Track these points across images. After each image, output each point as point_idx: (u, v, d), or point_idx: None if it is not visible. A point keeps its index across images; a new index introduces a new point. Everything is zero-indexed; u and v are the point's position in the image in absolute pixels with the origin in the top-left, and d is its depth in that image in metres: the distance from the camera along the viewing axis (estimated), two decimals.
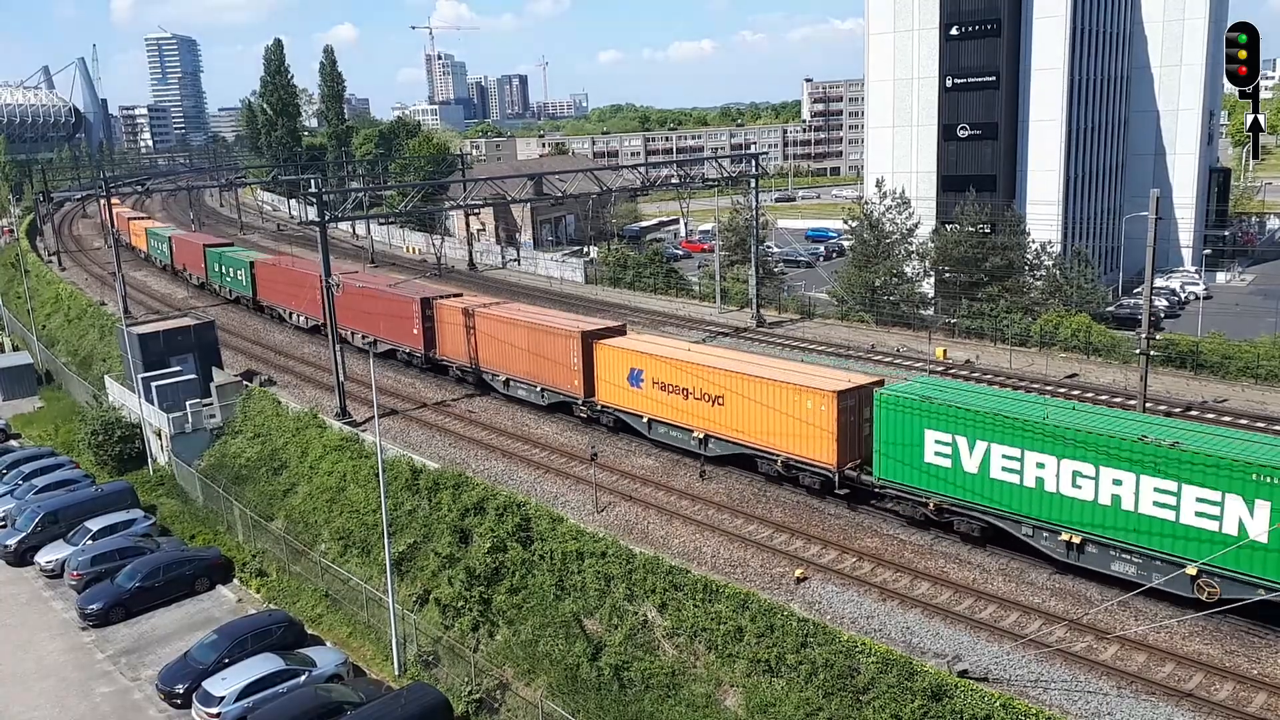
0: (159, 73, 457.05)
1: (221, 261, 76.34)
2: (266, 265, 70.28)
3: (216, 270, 77.38)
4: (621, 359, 40.79)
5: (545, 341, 44.03)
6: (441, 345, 51.13)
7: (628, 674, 27.44)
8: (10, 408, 64.32)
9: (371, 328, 56.02)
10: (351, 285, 57.08)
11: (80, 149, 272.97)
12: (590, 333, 42.96)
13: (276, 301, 66.91)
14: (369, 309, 56.01)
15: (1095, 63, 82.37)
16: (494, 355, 47.47)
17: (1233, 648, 24.92)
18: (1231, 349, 48.58)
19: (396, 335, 54.13)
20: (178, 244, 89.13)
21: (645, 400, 39.93)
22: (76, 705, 31.40)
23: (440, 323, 50.92)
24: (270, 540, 40.16)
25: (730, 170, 68.91)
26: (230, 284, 74.77)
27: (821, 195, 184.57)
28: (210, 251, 79.17)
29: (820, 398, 33.21)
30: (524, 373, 45.74)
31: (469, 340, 48.75)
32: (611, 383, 41.42)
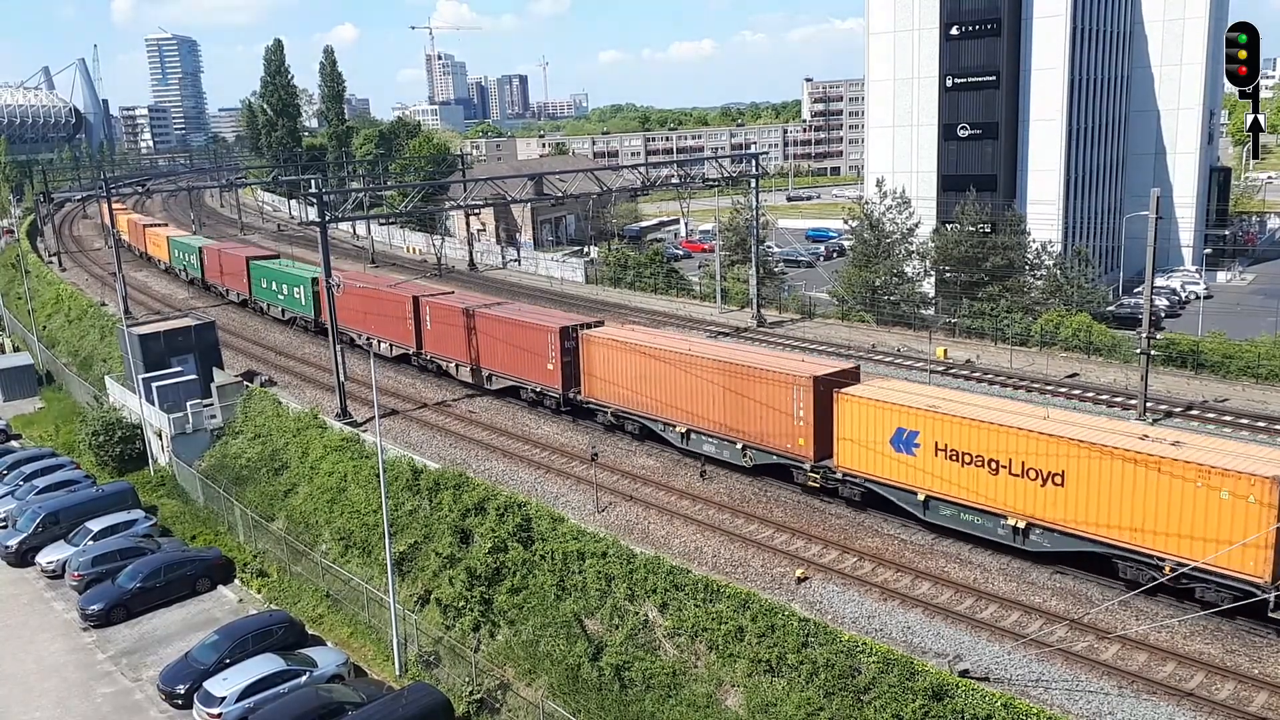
0: (159, 73, 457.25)
1: (272, 278, 67.74)
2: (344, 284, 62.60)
3: (265, 287, 68.62)
4: (880, 416, 31.94)
5: (753, 386, 35.57)
6: (588, 383, 42.93)
7: (629, 674, 27.44)
8: (11, 408, 64.35)
9: (487, 359, 48.01)
10: (445, 305, 50.45)
11: (81, 149, 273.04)
12: (826, 378, 34.05)
13: (349, 324, 57.20)
14: (480, 337, 48.02)
15: (1095, 62, 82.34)
16: (668, 398, 39.12)
17: (1233, 647, 24.92)
18: (1232, 348, 48.57)
19: (524, 369, 45.85)
20: (211, 256, 79.81)
21: (919, 471, 30.98)
22: (78, 706, 31.40)
23: (588, 357, 42.87)
24: (271, 541, 40.17)
25: (730, 170, 68.91)
26: (285, 303, 66.01)
27: (821, 195, 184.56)
28: (256, 265, 70.23)
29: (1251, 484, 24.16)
30: (716, 424, 37.25)
31: (628, 378, 40.77)
32: (861, 443, 32.49)
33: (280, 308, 67.01)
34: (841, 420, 32.86)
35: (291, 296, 64.36)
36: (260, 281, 69.24)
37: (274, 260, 72.49)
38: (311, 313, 61.53)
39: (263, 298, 69.44)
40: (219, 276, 77.46)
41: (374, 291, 56.67)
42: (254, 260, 71.07)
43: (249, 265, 70.86)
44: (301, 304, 63.08)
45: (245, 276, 71.29)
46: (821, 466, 33.98)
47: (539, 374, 44.98)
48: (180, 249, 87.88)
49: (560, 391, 44.01)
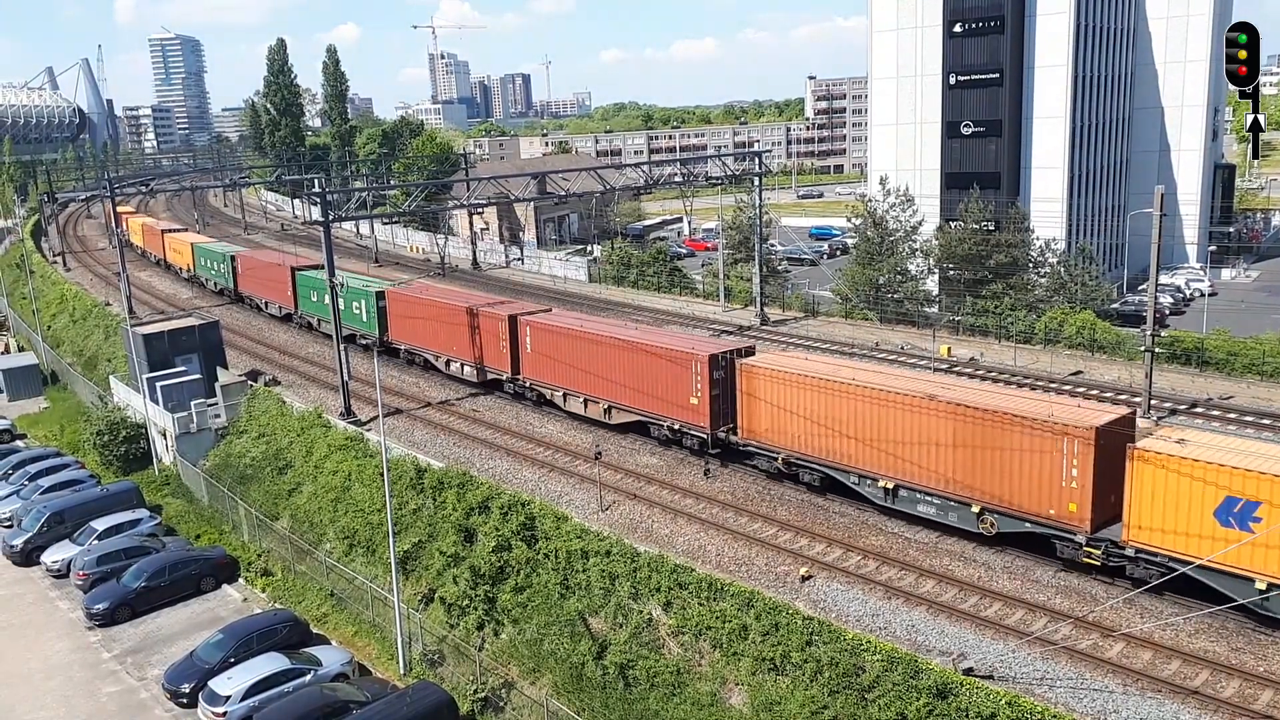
0: (163, 73, 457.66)
1: (325, 291, 60.15)
2: (407, 298, 55.06)
3: (316, 301, 61.73)
4: (1199, 481, 25.34)
5: (1002, 435, 29.16)
6: (747, 422, 36.55)
7: (633, 672, 27.46)
8: (16, 408, 64.49)
9: (607, 389, 41.88)
10: (552, 326, 45.06)
11: (84, 150, 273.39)
12: (1109, 429, 27.72)
13: (422, 345, 53.08)
14: (599, 364, 41.91)
15: (1099, 59, 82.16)
16: (866, 444, 32.49)
17: (1238, 645, 24.87)
18: (1237, 346, 48.45)
19: (658, 403, 39.52)
20: (247, 266, 73.34)
21: (1264, 550, 24.50)
22: (83, 704, 31.48)
23: (746, 391, 36.14)
24: (275, 539, 40.23)
25: (734, 168, 68.79)
26: (342, 319, 54.66)
27: (825, 193, 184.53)
28: (304, 277, 63.72)
29: None
30: (941, 479, 30.78)
31: (804, 417, 34.19)
32: (1166, 512, 26.11)
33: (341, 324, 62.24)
34: (1138, 485, 26.45)
35: (350, 312, 57.61)
36: (309, 294, 62.89)
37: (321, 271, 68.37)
38: (376, 330, 55.90)
39: (313, 312, 62.89)
40: (256, 288, 71.50)
41: (455, 307, 50.30)
42: (300, 271, 64.55)
43: (294, 277, 64.72)
44: (363, 320, 57.30)
45: (289, 289, 65.13)
46: (1101, 539, 27.72)
47: (678, 409, 38.62)
48: (207, 257, 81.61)
49: (708, 431, 37.66)
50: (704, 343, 42.48)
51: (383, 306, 55.26)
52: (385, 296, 55.30)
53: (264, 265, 70.72)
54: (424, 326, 52.44)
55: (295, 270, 64.89)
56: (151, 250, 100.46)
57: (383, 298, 55.40)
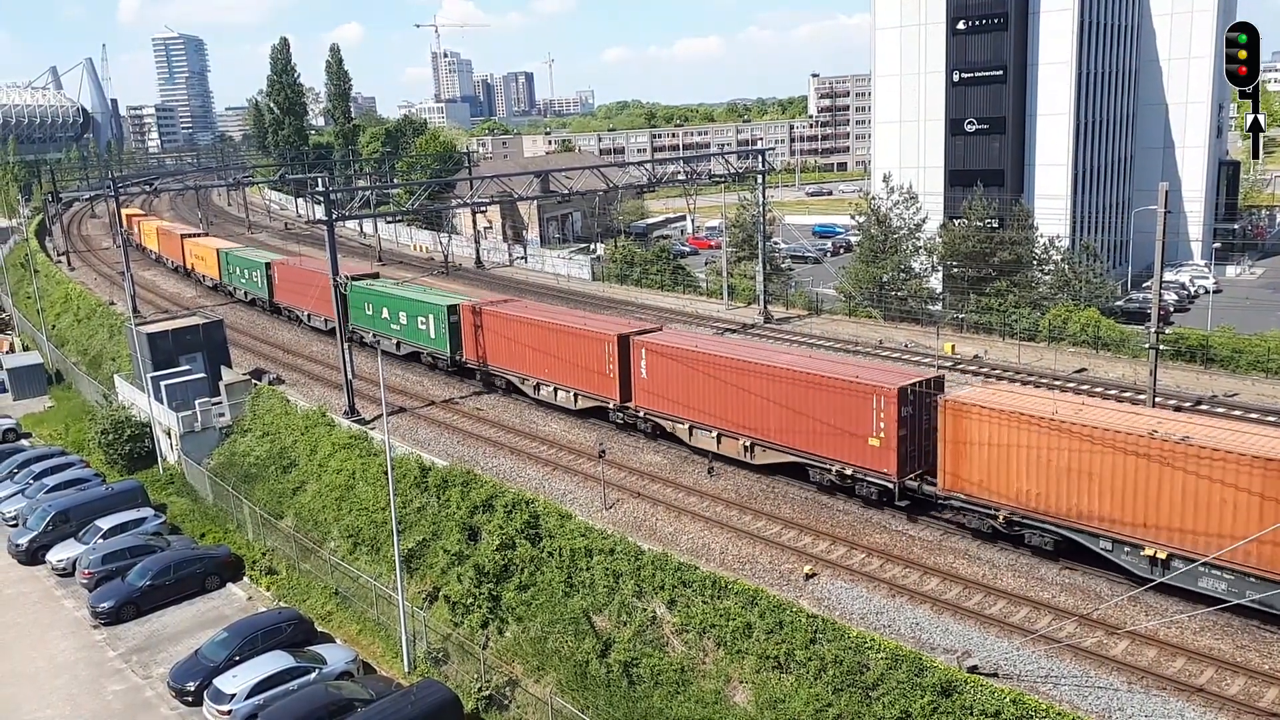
0: (166, 72, 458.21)
1: (383, 303, 56.25)
2: (487, 313, 48.55)
3: (372, 314, 57.05)
4: None
5: None
6: (953, 467, 30.47)
7: (637, 670, 27.47)
8: (21, 407, 64.64)
9: (751, 422, 36.38)
10: (678, 350, 39.21)
11: (88, 149, 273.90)
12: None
13: (505, 366, 47.79)
14: (739, 395, 36.51)
15: (1103, 56, 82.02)
16: (1132, 503, 26.73)
17: (1244, 642, 24.83)
18: (1242, 343, 48.33)
19: (822, 443, 34.08)
20: (286, 275, 67.71)
21: None
22: (88, 703, 31.55)
23: (950, 431, 30.28)
24: (280, 538, 40.29)
25: (737, 166, 68.80)
26: (404, 335, 54.67)
27: (834, 191, 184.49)
28: (356, 289, 57.63)
29: None
30: None
31: (1040, 468, 28.42)
32: None
33: (395, 340, 55.41)
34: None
35: (414, 328, 53.20)
36: (363, 307, 57.82)
37: (378, 281, 61.45)
38: (447, 348, 50.91)
39: (368, 325, 57.84)
40: (297, 299, 65.94)
41: (548, 325, 45.28)
42: (352, 281, 58.23)
43: (349, 289, 57.24)
44: (431, 337, 52.18)
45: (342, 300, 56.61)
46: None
47: (850, 450, 33.19)
48: (237, 264, 75.79)
49: (893, 478, 32.07)
50: (885, 372, 35.88)
51: (455, 322, 50.47)
52: (459, 311, 50.37)
53: (307, 275, 64.31)
54: (508, 346, 47.23)
55: (346, 282, 58.55)
56: (169, 256, 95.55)
57: (455, 312, 50.53)
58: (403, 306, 54.59)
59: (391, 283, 62.00)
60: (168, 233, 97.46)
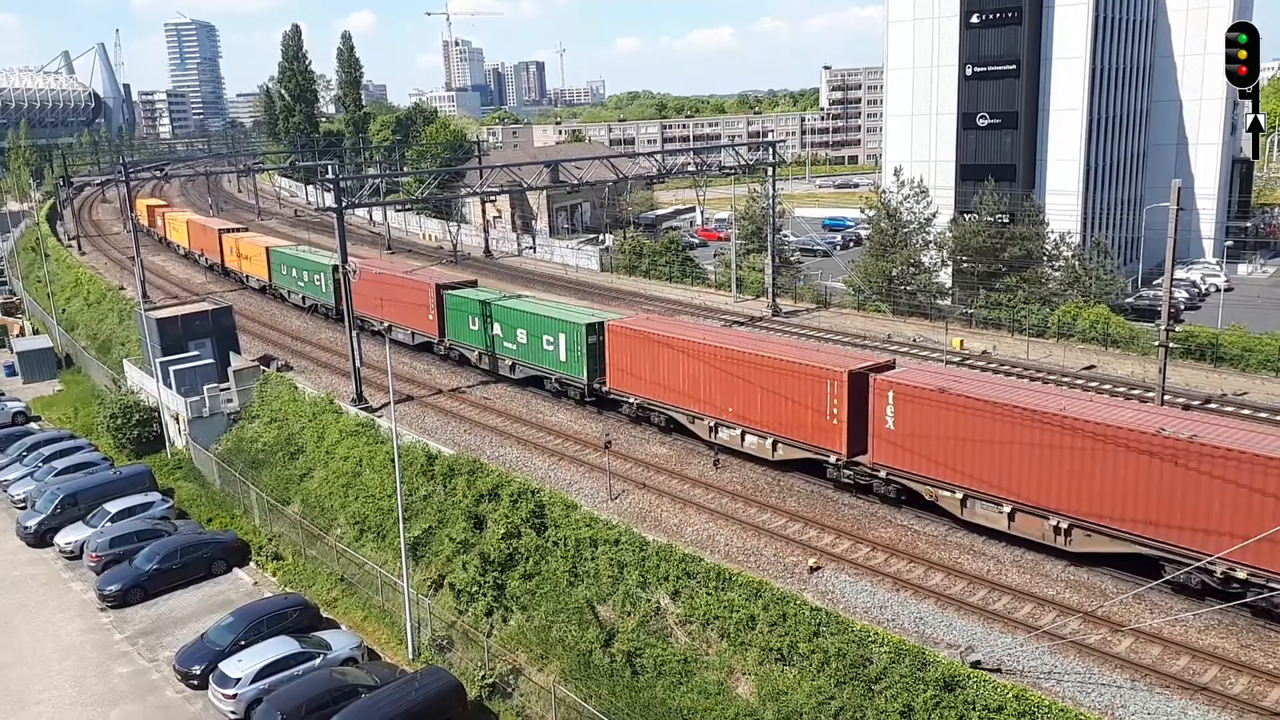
0: (178, 58, 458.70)
1: (496, 318, 48.42)
2: (645, 337, 40.93)
3: (477, 329, 49.67)
4: None
5: None
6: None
7: (640, 660, 27.54)
8: (30, 391, 64.96)
9: (1069, 499, 28.21)
10: (970, 400, 30.27)
11: (100, 134, 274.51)
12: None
13: (667, 400, 40.14)
14: (1048, 456, 28.39)
15: (1117, 51, 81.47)
16: None
17: (1248, 641, 24.78)
18: (1252, 341, 48.14)
19: (1175, 526, 26.04)
20: (371, 284, 56.85)
21: None
22: (95, 685, 31.77)
23: None
24: (286, 524, 40.46)
25: (747, 158, 68.71)
26: (521, 355, 47.13)
27: (858, 185, 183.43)
28: (455, 298, 51.12)
29: None
30: None
31: None
32: None
33: (510, 361, 48.09)
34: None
35: (538, 348, 45.90)
36: (466, 321, 50.40)
37: (481, 290, 54.10)
38: (583, 374, 43.64)
39: (471, 343, 50.57)
40: (374, 308, 57.44)
41: (733, 354, 37.29)
42: (450, 291, 51.76)
43: (441, 298, 51.93)
44: (560, 360, 44.76)
45: (431, 312, 52.40)
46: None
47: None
48: (293, 265, 67.36)
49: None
50: (1263, 438, 25.63)
51: (596, 343, 43.14)
52: (602, 331, 42.90)
53: (390, 281, 56.79)
54: (671, 375, 39.68)
55: (442, 290, 52.24)
56: (204, 252, 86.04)
57: (597, 332, 43.13)
58: (522, 322, 46.88)
59: (498, 294, 54.12)
60: (202, 227, 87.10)
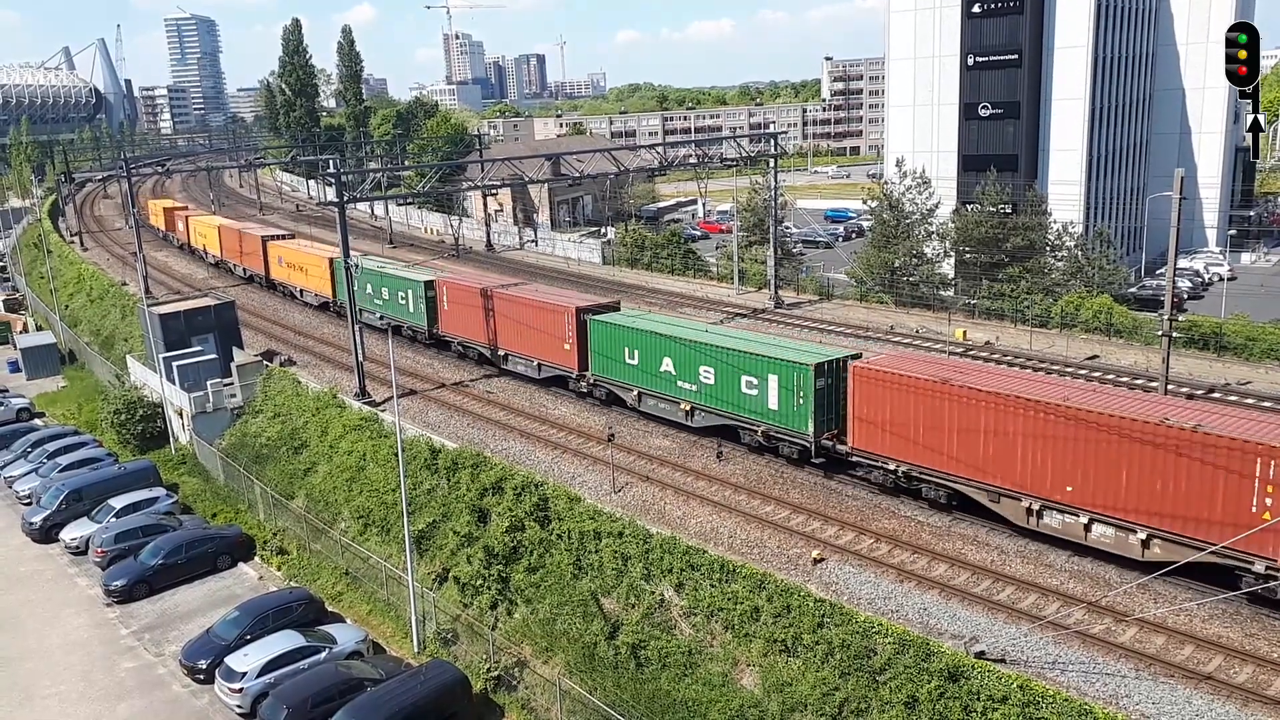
0: (178, 53, 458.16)
1: (671, 352, 39.48)
2: (923, 385, 31.49)
3: (638, 366, 40.82)
4: None
5: None
6: None
7: (645, 652, 27.59)
8: (34, 387, 65.07)
9: None
10: None
11: (101, 130, 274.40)
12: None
13: (949, 471, 31.32)
14: None
15: (1120, 40, 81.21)
16: None
17: (1253, 630, 24.79)
18: (1256, 331, 48.05)
19: None
20: (463, 300, 50.98)
21: None
22: (101, 680, 31.88)
23: None
24: (291, 519, 40.53)
25: (749, 150, 68.52)
26: (706, 398, 38.34)
27: (851, 174, 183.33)
28: (603, 326, 42.68)
29: None
30: None
31: None
32: None
33: (688, 404, 39.04)
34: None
35: (733, 390, 37.16)
36: (619, 351, 41.73)
37: (637, 316, 44.95)
38: (808, 425, 34.86)
39: (622, 378, 41.90)
40: (480, 331, 49.90)
41: (1113, 421, 27.26)
42: (595, 317, 43.43)
43: (584, 324, 43.55)
44: (769, 408, 36.02)
45: (571, 339, 43.91)
46: None
47: None
48: (370, 280, 57.61)
49: None
50: None
51: (826, 388, 34.54)
52: (847, 372, 33.95)
53: (510, 301, 47.79)
54: (962, 437, 30.74)
55: (584, 314, 43.85)
56: (237, 261, 78.39)
57: (829, 374, 34.62)
58: (710, 358, 37.92)
59: (662, 319, 45.21)
60: (239, 234, 77.80)
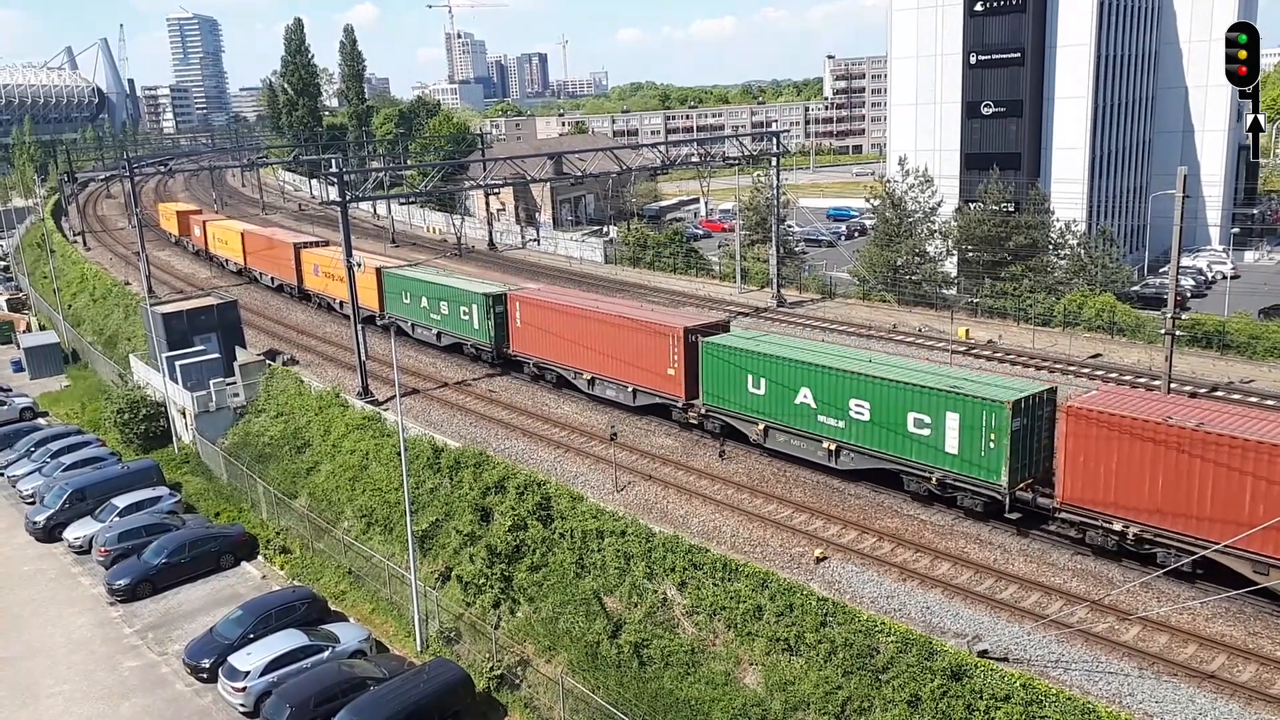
0: (180, 53, 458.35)
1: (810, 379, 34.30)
2: None
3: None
4: None
5: None
6: None
7: (647, 651, 27.60)
8: (38, 386, 65.16)
9: None
10: None
11: (104, 129, 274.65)
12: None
13: None
14: None
15: (1123, 38, 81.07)
16: None
17: (1256, 629, 24.76)
18: (1259, 329, 48.02)
19: None
20: (540, 321, 45.91)
21: None
22: (105, 679, 31.92)
23: None
24: (293, 518, 40.56)
25: (751, 149, 68.55)
26: (862, 438, 33.07)
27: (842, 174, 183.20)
28: (714, 348, 37.50)
29: None
30: None
31: None
32: None
33: (830, 443, 34.02)
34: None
35: (894, 429, 32.02)
36: (745, 377, 36.46)
37: (763, 339, 39.23)
38: (1001, 475, 29.48)
39: (747, 409, 36.78)
40: (562, 352, 44.85)
41: None
42: (706, 339, 38.09)
43: (695, 346, 38.35)
44: (947, 452, 30.70)
45: (676, 363, 39.11)
46: None
47: None
48: (423, 294, 53.15)
49: None
50: None
51: (1022, 430, 29.36)
52: (1046, 409, 29.89)
53: (609, 322, 42.36)
54: None
55: (693, 334, 38.63)
56: (263, 270, 73.64)
57: (1030, 412, 29.48)
58: (860, 389, 32.52)
59: (792, 342, 39.43)
60: (268, 240, 72.64)
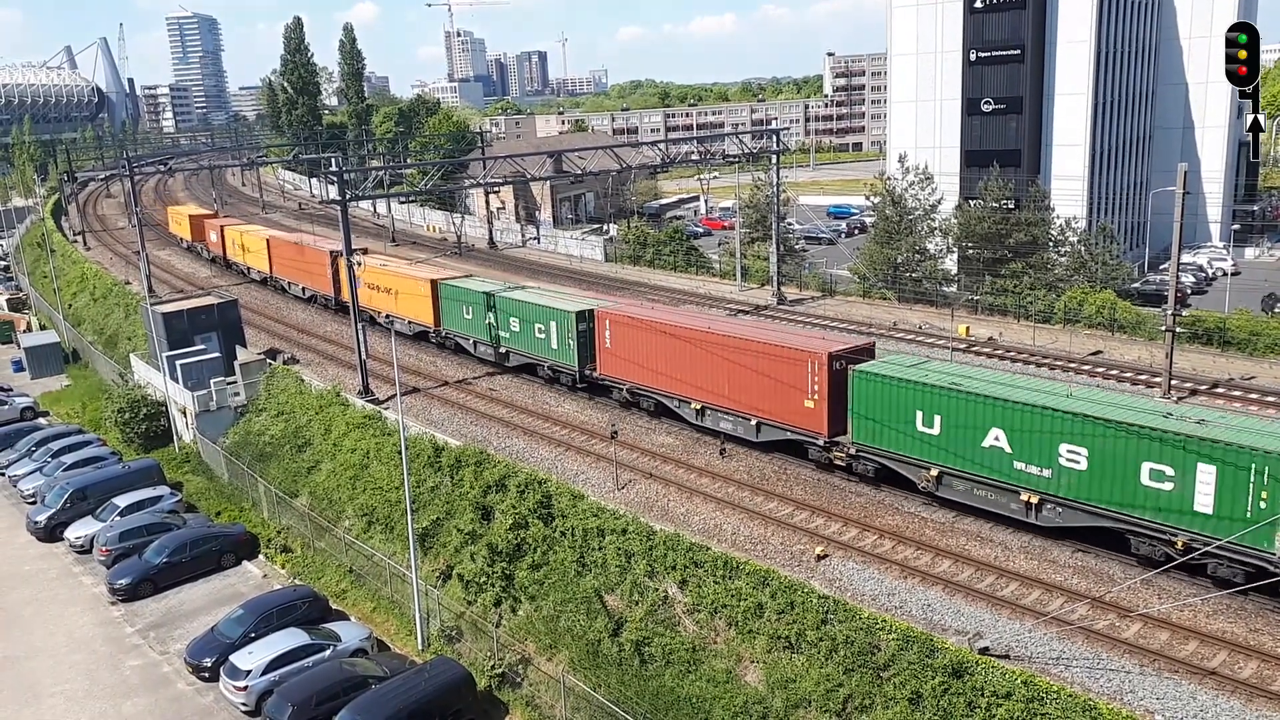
0: (180, 52, 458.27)
1: (1002, 418, 29.35)
2: None
3: (927, 430, 31.20)
4: None
5: None
6: None
7: (648, 649, 27.61)
8: (38, 386, 65.18)
9: None
10: None
11: (103, 129, 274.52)
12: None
13: None
14: None
15: (1123, 34, 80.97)
16: None
17: (1257, 626, 24.77)
18: (1259, 325, 47.99)
19: None
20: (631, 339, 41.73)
21: None
22: (107, 678, 31.95)
23: None
24: (294, 517, 40.58)
25: (751, 146, 68.50)
26: (1055, 487, 28.45)
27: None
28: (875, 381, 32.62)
29: None
30: None
31: None
32: None
33: (1032, 495, 29.09)
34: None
35: (1122, 481, 27.12)
36: (913, 413, 31.71)
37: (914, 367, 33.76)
38: (1277, 547, 24.46)
39: (904, 450, 32.36)
40: (663, 379, 40.71)
41: None
42: (857, 368, 33.58)
43: (840, 373, 33.98)
44: (1197, 511, 25.79)
45: (816, 393, 34.46)
46: None
47: None
48: (493, 307, 48.47)
49: None
50: None
51: None
52: None
53: (729, 345, 37.76)
54: None
55: (839, 360, 34.25)
56: (293, 280, 68.59)
57: None
58: (1073, 433, 27.88)
59: (966, 371, 33.96)
60: (299, 249, 66.99)
